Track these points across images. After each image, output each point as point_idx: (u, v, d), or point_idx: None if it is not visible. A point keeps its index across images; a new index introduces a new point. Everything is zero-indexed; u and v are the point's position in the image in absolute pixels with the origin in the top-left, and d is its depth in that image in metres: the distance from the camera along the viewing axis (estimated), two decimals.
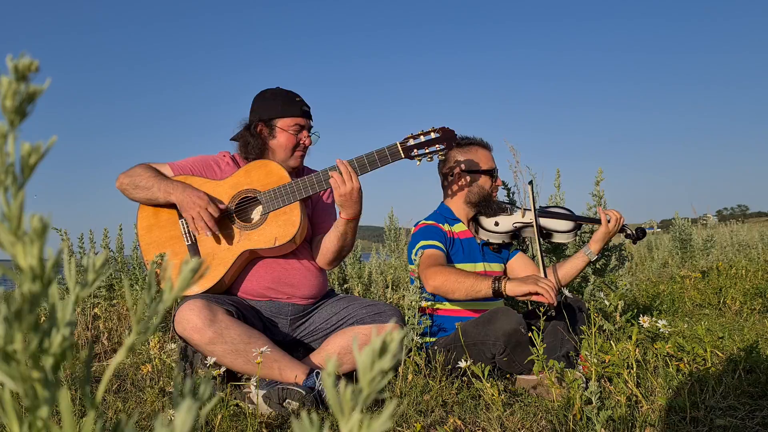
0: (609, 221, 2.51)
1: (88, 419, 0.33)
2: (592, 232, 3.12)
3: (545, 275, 2.39)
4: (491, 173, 2.62)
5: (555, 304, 2.10)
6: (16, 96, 0.35)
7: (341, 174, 2.15)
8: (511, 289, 2.18)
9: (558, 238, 2.64)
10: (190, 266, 0.36)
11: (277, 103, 2.35)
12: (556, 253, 3.18)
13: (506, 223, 2.61)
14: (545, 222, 2.62)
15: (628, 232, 2.60)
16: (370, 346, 0.34)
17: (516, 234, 2.64)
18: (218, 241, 2.26)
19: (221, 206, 2.25)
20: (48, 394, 0.34)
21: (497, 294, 2.21)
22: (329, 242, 2.32)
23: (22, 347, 0.32)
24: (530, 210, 2.58)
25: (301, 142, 2.37)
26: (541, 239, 2.52)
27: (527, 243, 3.15)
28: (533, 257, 2.99)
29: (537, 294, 2.14)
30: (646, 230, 2.62)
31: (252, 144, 2.35)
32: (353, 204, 2.17)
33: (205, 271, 0.37)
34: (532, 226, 2.57)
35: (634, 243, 2.64)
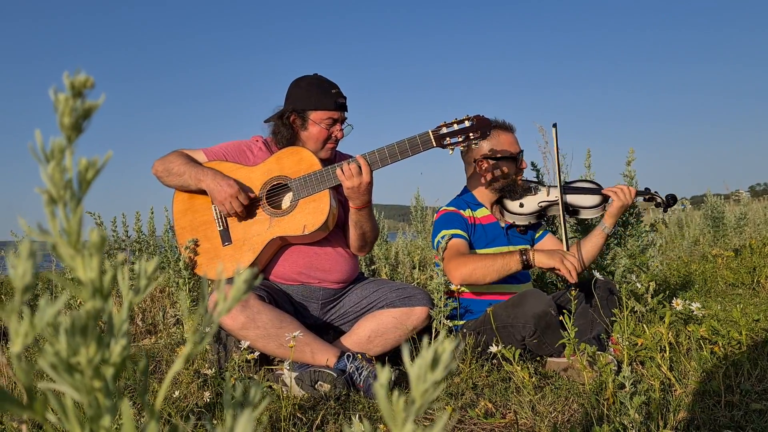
0: (616, 194, 2.46)
1: (150, 430, 0.34)
2: None
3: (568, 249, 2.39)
4: (515, 158, 2.55)
5: (575, 282, 2.18)
6: (73, 113, 0.35)
7: (350, 168, 2.16)
8: (539, 260, 2.25)
9: (585, 214, 2.58)
10: (243, 277, 0.37)
11: (312, 95, 2.32)
12: (583, 227, 3.14)
13: (531, 203, 2.57)
14: (571, 198, 2.56)
15: (658, 200, 2.52)
16: (422, 358, 0.34)
17: (542, 213, 2.60)
18: (249, 228, 2.29)
19: (251, 194, 2.28)
20: (110, 404, 0.35)
21: (527, 267, 2.28)
22: (350, 231, 2.37)
23: (87, 360, 0.33)
24: (555, 187, 2.55)
25: (333, 135, 2.36)
26: (567, 216, 2.49)
27: (556, 224, 3.11)
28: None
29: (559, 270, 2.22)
30: (677, 197, 2.54)
31: (282, 133, 2.36)
32: (360, 196, 2.21)
33: (257, 280, 0.37)
34: (558, 204, 2.54)
35: (665, 211, 2.58)
